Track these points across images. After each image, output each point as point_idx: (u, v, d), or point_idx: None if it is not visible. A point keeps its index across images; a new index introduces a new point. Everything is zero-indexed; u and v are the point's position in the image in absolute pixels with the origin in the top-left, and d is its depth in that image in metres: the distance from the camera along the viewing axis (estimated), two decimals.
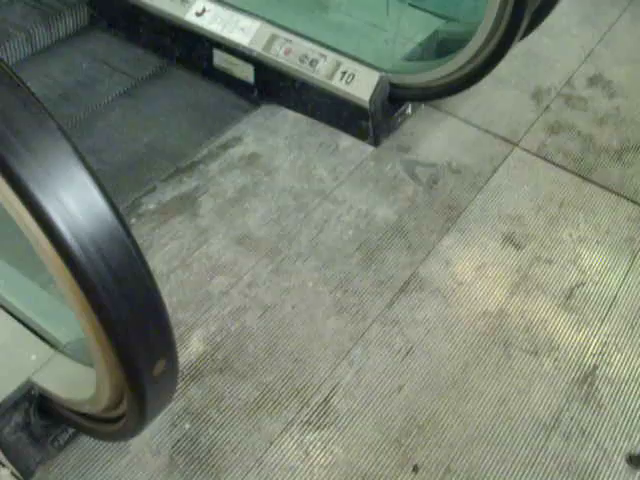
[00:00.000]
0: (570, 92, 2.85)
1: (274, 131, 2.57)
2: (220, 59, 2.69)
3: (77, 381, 1.52)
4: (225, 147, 2.50)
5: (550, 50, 3.06)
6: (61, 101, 2.62)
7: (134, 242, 1.04)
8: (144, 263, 1.06)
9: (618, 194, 2.46)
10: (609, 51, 3.09)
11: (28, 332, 1.65)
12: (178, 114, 2.63)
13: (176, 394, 1.79)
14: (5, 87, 0.98)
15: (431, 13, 2.72)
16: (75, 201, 0.98)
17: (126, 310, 1.05)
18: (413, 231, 2.28)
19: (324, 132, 2.59)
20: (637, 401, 1.90)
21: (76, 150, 0.99)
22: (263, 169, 2.43)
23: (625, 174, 2.54)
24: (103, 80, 2.74)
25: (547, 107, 2.78)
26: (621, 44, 3.14)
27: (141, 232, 2.17)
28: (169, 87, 2.77)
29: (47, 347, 1.62)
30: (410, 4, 2.71)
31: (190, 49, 2.77)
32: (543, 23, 2.50)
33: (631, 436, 1.83)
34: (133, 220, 2.22)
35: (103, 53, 2.86)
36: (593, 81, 2.90)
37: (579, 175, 2.52)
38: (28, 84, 1.00)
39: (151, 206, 2.27)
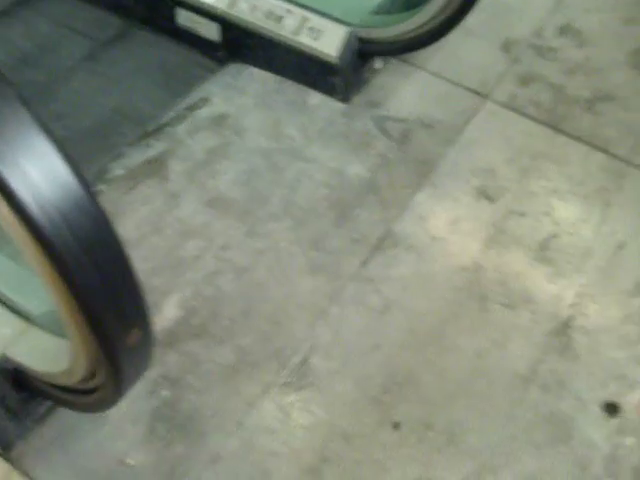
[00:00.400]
0: (540, 42, 2.82)
1: (242, 90, 2.53)
2: (184, 18, 2.63)
3: (52, 353, 1.50)
4: (192, 108, 2.45)
5: (519, 0, 3.02)
6: (21, 66, 2.55)
7: (101, 209, 1.01)
8: (112, 230, 1.03)
9: (590, 144, 2.45)
10: (578, 0, 3.05)
11: None
12: (143, 76, 2.57)
13: (153, 361, 1.78)
14: None
15: None
16: (38, 170, 0.94)
17: (96, 279, 1.02)
18: (386, 187, 2.26)
19: (292, 90, 2.54)
20: (612, 350, 1.92)
21: (36, 117, 0.95)
22: (232, 129, 2.39)
23: (596, 124, 2.53)
24: (64, 43, 2.66)
25: (517, 58, 2.75)
26: None
27: (110, 198, 2.14)
28: (133, 49, 2.69)
29: (19, 320, 1.60)
30: None
31: (152, 9, 2.69)
32: None
33: (607, 385, 1.85)
34: (101, 187, 2.17)
35: (64, 16, 2.77)
36: (563, 31, 2.87)
37: (551, 126, 2.50)
38: None
39: (119, 171, 2.23)
